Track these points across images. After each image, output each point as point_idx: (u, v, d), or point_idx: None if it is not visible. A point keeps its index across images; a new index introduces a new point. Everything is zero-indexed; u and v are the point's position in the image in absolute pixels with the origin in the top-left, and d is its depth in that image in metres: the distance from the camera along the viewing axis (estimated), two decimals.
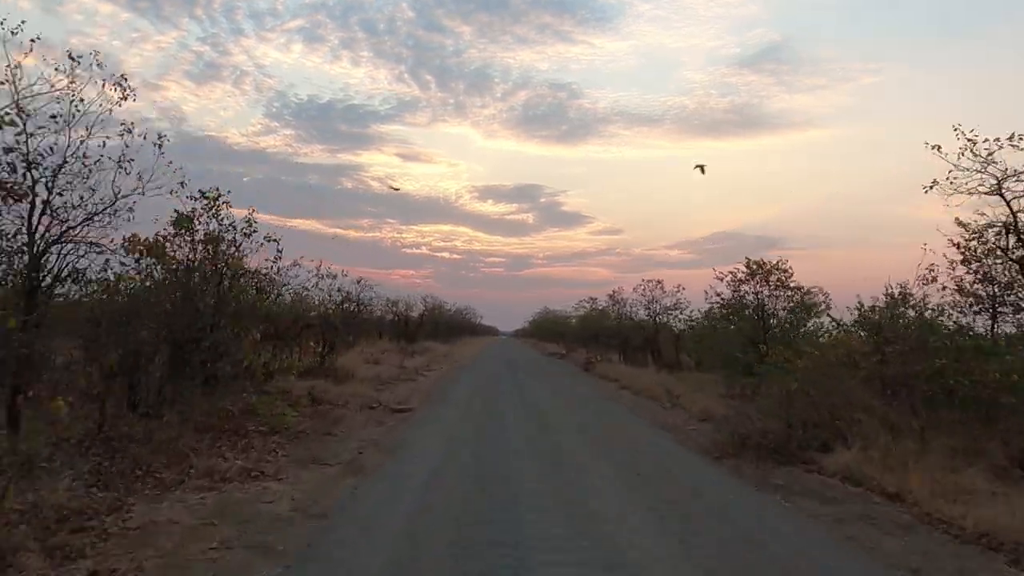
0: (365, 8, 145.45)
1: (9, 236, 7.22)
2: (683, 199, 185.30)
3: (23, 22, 7.00)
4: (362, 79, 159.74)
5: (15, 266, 7.31)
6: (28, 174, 7.24)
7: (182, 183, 9.74)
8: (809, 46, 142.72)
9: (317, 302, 19.53)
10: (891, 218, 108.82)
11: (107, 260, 8.33)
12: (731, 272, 19.22)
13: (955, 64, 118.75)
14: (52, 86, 7.29)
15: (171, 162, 8.98)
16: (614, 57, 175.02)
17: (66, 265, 7.75)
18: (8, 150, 7.06)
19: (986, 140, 9.79)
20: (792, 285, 18.41)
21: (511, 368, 30.91)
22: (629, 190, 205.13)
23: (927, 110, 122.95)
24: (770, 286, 18.57)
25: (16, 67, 6.99)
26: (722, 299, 19.42)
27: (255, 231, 11.58)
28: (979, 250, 11.07)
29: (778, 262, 18.65)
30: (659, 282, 28.06)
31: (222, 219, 11.01)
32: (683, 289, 27.57)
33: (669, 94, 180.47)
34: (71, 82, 7.48)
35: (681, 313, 26.31)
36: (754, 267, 18.92)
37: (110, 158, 7.97)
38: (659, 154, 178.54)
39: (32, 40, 7.08)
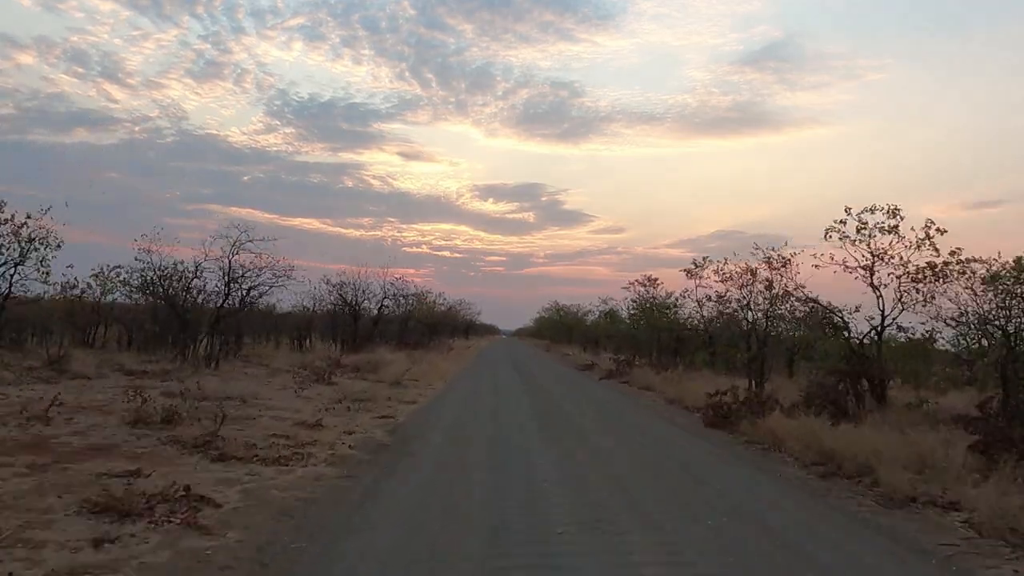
0: (366, 6, 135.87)
1: None
2: (685, 197, 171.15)
3: None
4: (363, 77, 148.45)
5: None
6: None
7: None
8: (812, 43, 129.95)
9: None
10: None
11: None
12: None
13: (961, 60, 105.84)
14: None
15: None
16: (616, 55, 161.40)
17: None
18: None
19: None
20: None
21: (563, 452, 9.62)
22: (631, 189, 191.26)
23: (933, 107, 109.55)
24: None
25: None
26: None
27: None
28: None
29: None
30: (897, 224, 11.58)
31: None
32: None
33: (671, 92, 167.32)
34: None
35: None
36: None
37: None
38: (661, 152, 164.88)
39: None
